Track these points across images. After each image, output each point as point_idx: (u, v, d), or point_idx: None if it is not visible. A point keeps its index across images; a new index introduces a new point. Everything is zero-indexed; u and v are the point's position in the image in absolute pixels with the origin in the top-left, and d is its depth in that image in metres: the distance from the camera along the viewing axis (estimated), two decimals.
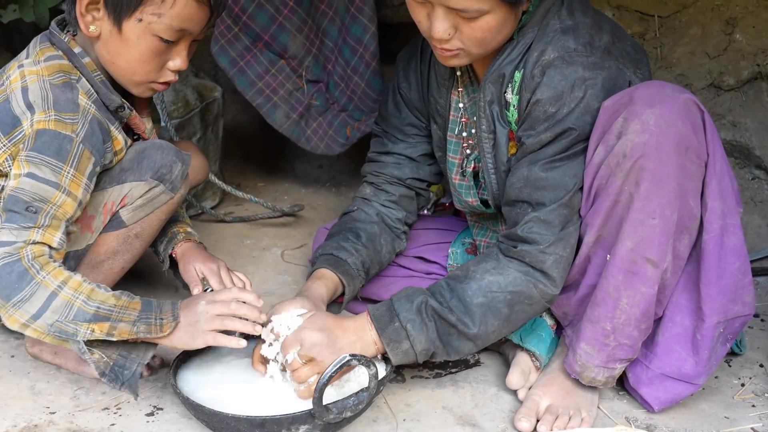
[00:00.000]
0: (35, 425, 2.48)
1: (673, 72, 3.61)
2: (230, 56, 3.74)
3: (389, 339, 2.41)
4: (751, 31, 3.47)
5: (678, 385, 2.50)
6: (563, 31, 2.42)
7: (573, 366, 2.51)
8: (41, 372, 2.73)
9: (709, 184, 2.34)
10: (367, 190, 2.94)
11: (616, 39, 2.46)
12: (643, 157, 2.26)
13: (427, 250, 3.01)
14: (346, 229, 2.84)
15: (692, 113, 2.30)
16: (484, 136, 2.59)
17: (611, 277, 2.38)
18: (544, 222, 2.40)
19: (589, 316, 2.45)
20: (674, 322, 2.48)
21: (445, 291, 2.43)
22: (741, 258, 2.42)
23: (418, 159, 2.90)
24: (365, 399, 2.33)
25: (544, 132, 2.40)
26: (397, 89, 2.87)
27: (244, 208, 3.92)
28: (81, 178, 2.38)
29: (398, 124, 2.89)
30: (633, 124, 2.27)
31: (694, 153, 2.29)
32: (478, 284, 2.42)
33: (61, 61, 2.48)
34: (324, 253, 2.77)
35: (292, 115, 3.80)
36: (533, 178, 2.41)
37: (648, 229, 2.31)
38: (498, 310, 2.42)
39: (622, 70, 2.41)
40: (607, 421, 2.53)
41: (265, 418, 2.28)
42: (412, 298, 2.44)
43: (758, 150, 3.55)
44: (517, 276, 2.42)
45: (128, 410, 2.56)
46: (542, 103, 2.40)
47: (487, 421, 2.53)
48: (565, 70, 2.38)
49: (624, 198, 2.32)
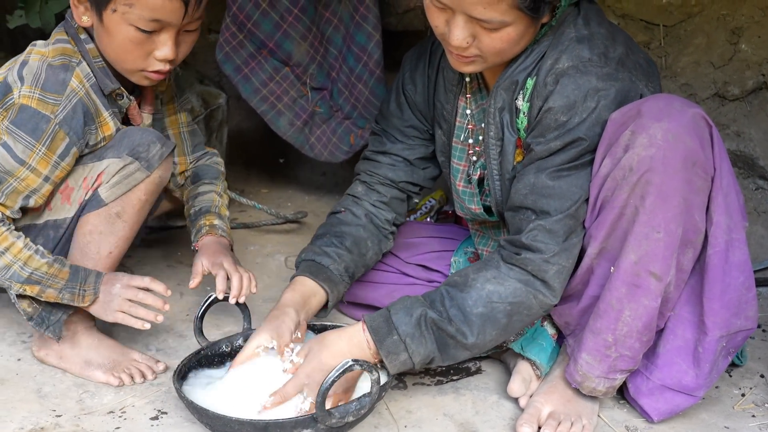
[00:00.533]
0: (41, 428, 2.49)
1: (678, 81, 3.61)
2: (235, 63, 3.75)
3: (388, 351, 2.40)
4: (756, 41, 3.47)
5: (678, 397, 2.51)
6: (578, 40, 2.41)
7: (574, 376, 2.52)
8: (47, 375, 2.74)
9: (716, 198, 2.34)
10: (359, 188, 2.92)
11: (630, 51, 2.46)
12: (649, 171, 2.26)
13: (430, 259, 3.00)
14: (331, 232, 2.81)
15: (700, 128, 2.30)
16: (491, 143, 2.57)
17: (614, 289, 2.38)
18: (549, 231, 2.40)
19: (591, 327, 2.45)
20: (676, 334, 2.49)
21: (445, 299, 2.43)
22: (745, 273, 2.42)
23: (415, 162, 2.88)
24: (367, 404, 2.34)
25: (554, 140, 2.39)
26: (402, 90, 2.84)
27: (248, 215, 3.92)
28: (51, 156, 2.54)
29: (399, 125, 2.86)
30: (640, 137, 2.27)
31: (701, 168, 2.29)
32: (479, 294, 2.41)
33: (66, 45, 2.62)
34: (306, 258, 2.75)
35: (296, 122, 3.80)
36: (540, 186, 2.41)
37: (652, 243, 2.31)
38: (497, 320, 2.42)
39: (635, 82, 2.40)
40: (607, 430, 2.54)
41: (268, 422, 2.29)
42: (411, 310, 2.42)
43: (762, 160, 3.55)
44: (518, 287, 2.41)
45: (133, 414, 2.57)
46: (554, 111, 2.39)
47: (487, 429, 2.54)
48: (579, 80, 2.36)
49: (629, 211, 2.32)
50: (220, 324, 3.01)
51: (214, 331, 2.89)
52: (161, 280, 3.26)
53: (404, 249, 3.00)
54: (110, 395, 2.65)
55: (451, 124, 2.72)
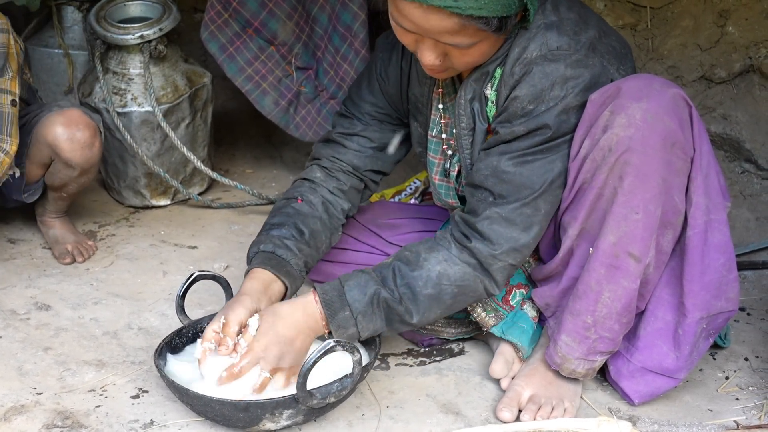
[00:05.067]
0: (22, 405, 2.49)
1: (665, 64, 3.60)
2: (220, 42, 3.73)
3: (338, 325, 2.41)
4: (743, 24, 3.47)
5: (658, 379, 2.51)
6: (546, 27, 2.38)
7: (553, 357, 2.52)
8: (28, 353, 2.75)
9: (695, 179, 2.34)
10: (318, 173, 2.82)
11: (603, 34, 2.43)
12: (628, 152, 2.26)
13: (411, 239, 2.97)
14: (290, 224, 2.69)
15: (680, 108, 2.29)
16: (463, 134, 2.55)
17: (593, 270, 2.38)
18: (506, 220, 2.39)
19: (571, 309, 2.45)
20: (656, 316, 2.49)
21: (396, 277, 2.43)
22: (726, 254, 2.42)
23: (383, 146, 2.83)
24: (349, 385, 2.34)
25: (518, 125, 2.38)
26: (376, 76, 2.79)
27: (232, 195, 3.91)
28: None
29: (370, 110, 2.80)
30: (619, 117, 2.27)
31: (680, 148, 2.29)
32: (428, 275, 2.42)
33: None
34: (265, 250, 2.63)
35: (281, 102, 3.79)
36: (500, 170, 2.40)
37: (631, 223, 2.31)
38: (443, 301, 2.44)
39: (606, 67, 2.38)
40: (590, 412, 2.54)
41: (249, 402, 2.29)
42: (365, 288, 2.42)
43: (748, 143, 3.55)
44: (467, 271, 2.42)
45: (114, 392, 2.57)
46: (520, 99, 2.37)
47: (470, 410, 2.54)
48: (547, 68, 2.35)
49: (608, 192, 2.32)
50: (203, 303, 3.01)
51: (196, 310, 2.89)
52: (145, 259, 3.32)
53: (387, 229, 2.97)
54: (91, 373, 2.65)
55: (427, 117, 2.69)
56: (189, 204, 3.82)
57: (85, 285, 3.18)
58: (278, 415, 2.31)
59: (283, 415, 2.31)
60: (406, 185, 3.74)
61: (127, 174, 3.73)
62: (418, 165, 3.65)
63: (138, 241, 3.50)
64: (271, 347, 2.36)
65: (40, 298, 3.08)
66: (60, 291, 3.13)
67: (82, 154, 3.15)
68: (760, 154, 3.54)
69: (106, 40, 3.66)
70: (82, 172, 3.22)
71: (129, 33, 3.61)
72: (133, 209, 3.78)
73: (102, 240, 3.50)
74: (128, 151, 3.65)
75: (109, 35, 3.62)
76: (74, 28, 3.97)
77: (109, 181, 3.82)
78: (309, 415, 2.36)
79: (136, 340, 2.86)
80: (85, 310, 3.01)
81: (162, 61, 3.70)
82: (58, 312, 3.00)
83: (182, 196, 3.81)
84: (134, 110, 3.63)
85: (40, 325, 2.91)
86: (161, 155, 3.70)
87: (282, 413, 2.31)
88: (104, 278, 3.23)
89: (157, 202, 3.79)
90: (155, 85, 3.65)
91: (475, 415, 2.52)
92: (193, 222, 3.68)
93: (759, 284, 3.18)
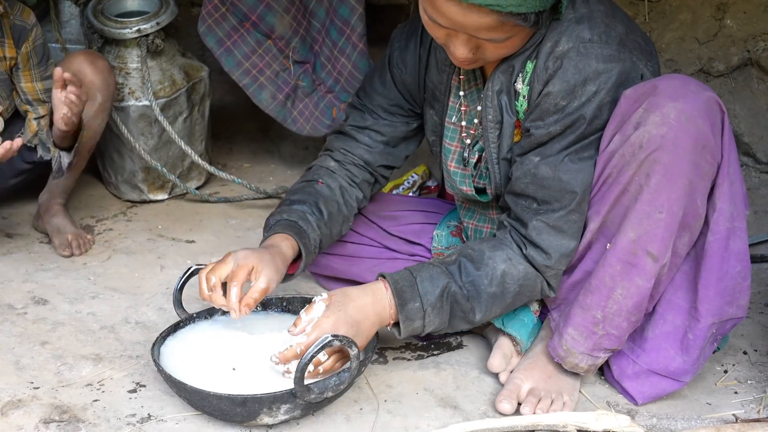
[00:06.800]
0: (19, 399, 2.49)
1: (663, 57, 3.60)
2: (217, 36, 3.73)
3: (406, 317, 2.41)
4: (741, 17, 3.46)
5: (663, 381, 2.51)
6: (577, 21, 2.37)
7: (558, 350, 2.51)
8: (25, 348, 2.74)
9: (721, 185, 2.33)
10: (332, 163, 2.84)
11: (629, 30, 2.42)
12: (658, 150, 2.25)
13: (412, 231, 2.98)
14: (311, 201, 2.72)
15: (713, 112, 2.29)
16: (489, 126, 2.54)
17: (609, 266, 2.37)
18: (555, 229, 2.41)
19: (581, 303, 2.45)
20: (666, 319, 2.48)
21: (462, 273, 2.44)
22: (743, 262, 2.41)
23: (393, 141, 2.84)
24: (347, 379, 2.34)
25: (553, 124, 2.37)
26: (388, 68, 2.78)
27: (230, 189, 3.91)
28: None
29: (383, 103, 2.80)
30: (653, 115, 2.26)
31: (710, 153, 2.28)
32: (494, 273, 2.44)
33: None
34: (289, 219, 2.66)
35: (279, 95, 3.79)
36: (540, 176, 2.40)
37: (653, 222, 2.30)
38: (504, 300, 2.46)
39: (636, 63, 2.38)
40: (588, 406, 2.54)
41: (246, 396, 2.28)
42: (437, 281, 2.42)
43: (746, 137, 3.55)
44: (530, 271, 2.45)
45: (111, 386, 2.57)
46: (553, 95, 2.37)
47: (468, 404, 2.54)
48: (579, 63, 2.34)
49: (633, 188, 2.31)
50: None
51: (194, 304, 2.87)
52: (142, 253, 3.31)
53: (387, 220, 2.98)
54: (88, 368, 2.65)
55: (444, 104, 2.68)
56: (186, 198, 3.82)
57: (82, 279, 3.17)
58: (276, 410, 2.31)
59: (281, 409, 2.31)
60: (403, 179, 3.75)
61: (124, 168, 3.73)
62: (415, 159, 3.65)
63: (135, 236, 3.50)
64: (339, 326, 2.34)
65: (37, 292, 3.07)
66: (57, 285, 3.12)
67: (103, 78, 3.36)
68: (758, 147, 3.55)
69: (103, 35, 3.66)
70: (101, 105, 3.37)
71: (126, 27, 3.61)
72: (131, 203, 3.78)
73: (99, 234, 3.50)
74: (125, 145, 3.64)
75: (107, 29, 3.62)
76: (72, 23, 3.95)
77: (107, 176, 3.82)
78: (307, 409, 2.36)
79: (133, 335, 2.85)
80: (83, 305, 3.00)
81: (159, 55, 3.69)
82: (55, 306, 2.99)
83: (180, 191, 3.81)
84: (131, 104, 3.62)
85: (37, 319, 2.91)
86: (159, 149, 3.70)
87: (279, 408, 2.31)
88: (101, 272, 3.22)
89: (154, 196, 3.79)
90: (153, 79, 3.64)
91: (473, 409, 2.52)
92: (191, 216, 3.68)
93: (757, 278, 3.17)
